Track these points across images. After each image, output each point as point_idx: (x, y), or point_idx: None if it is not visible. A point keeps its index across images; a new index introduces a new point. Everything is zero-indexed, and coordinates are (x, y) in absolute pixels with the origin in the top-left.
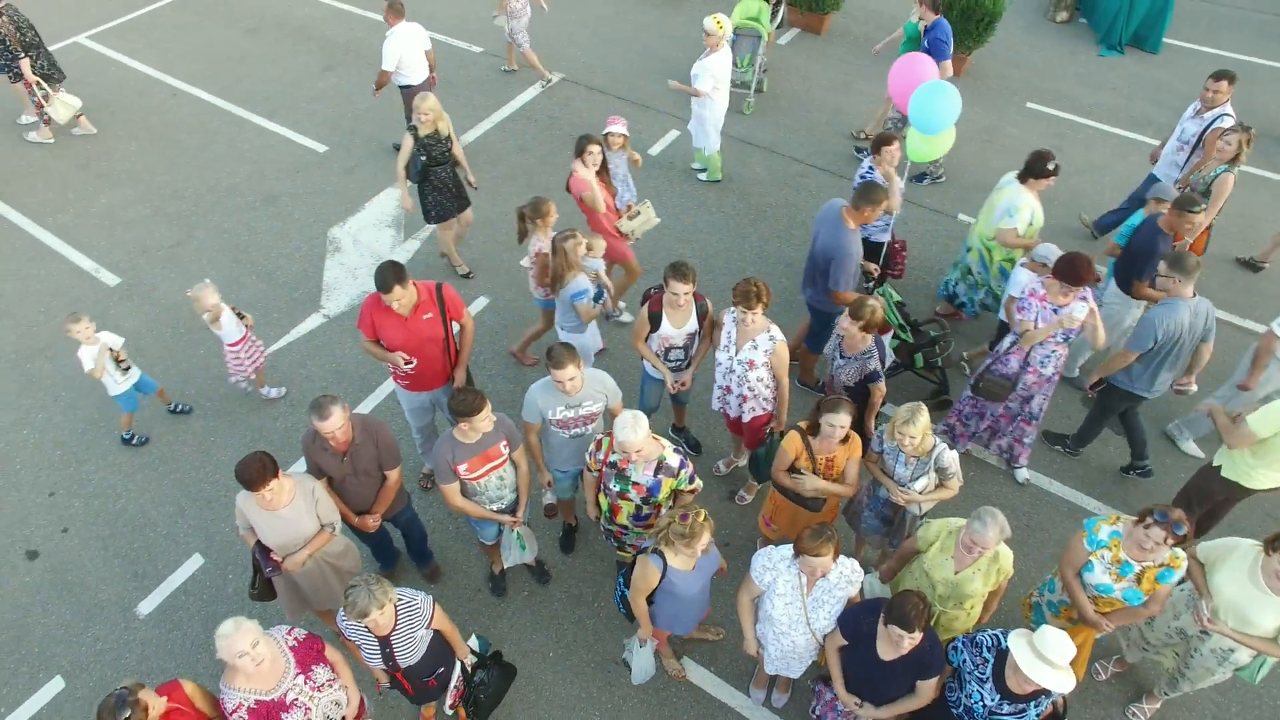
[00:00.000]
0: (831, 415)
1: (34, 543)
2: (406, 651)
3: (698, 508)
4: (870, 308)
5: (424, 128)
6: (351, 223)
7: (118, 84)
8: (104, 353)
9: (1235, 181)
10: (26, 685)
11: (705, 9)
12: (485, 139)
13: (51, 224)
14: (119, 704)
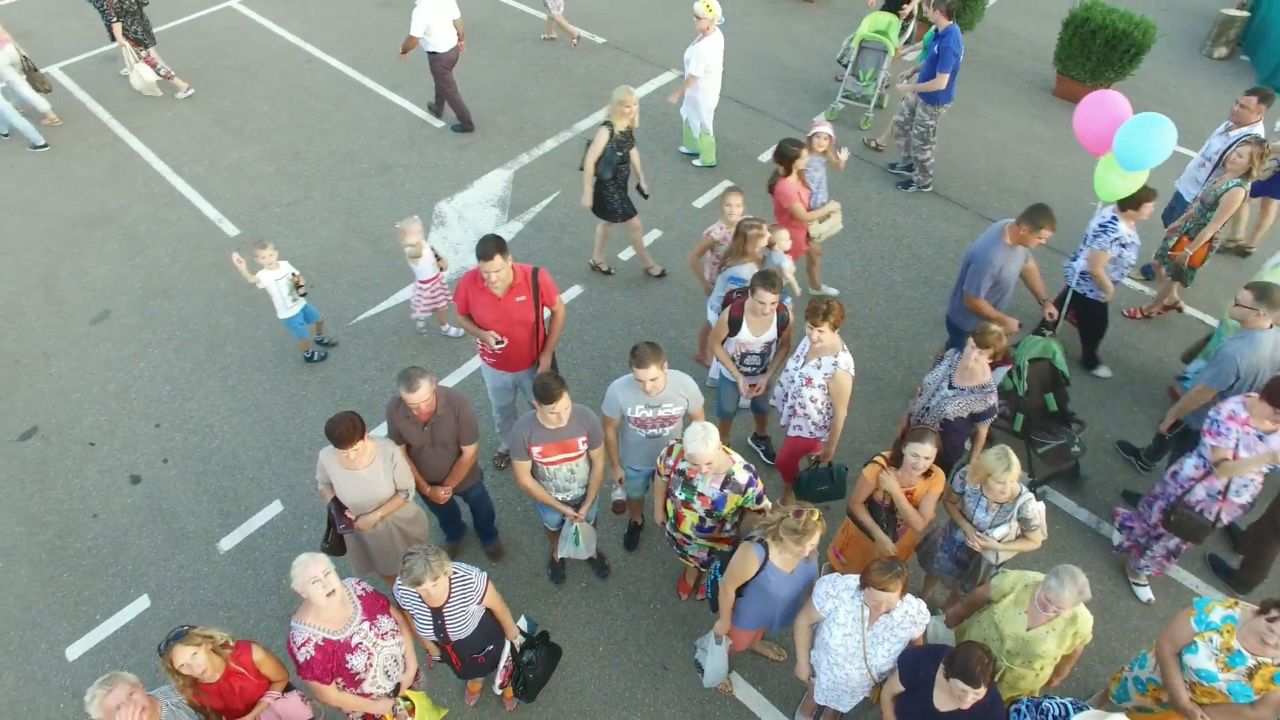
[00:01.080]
0: (917, 446)
1: (138, 469)
2: (458, 625)
3: (812, 508)
4: (996, 334)
5: (620, 122)
6: (459, 199)
7: (261, 47)
8: (285, 279)
9: (1247, 196)
10: (119, 598)
11: (833, 20)
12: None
13: (187, 174)
14: (173, 639)
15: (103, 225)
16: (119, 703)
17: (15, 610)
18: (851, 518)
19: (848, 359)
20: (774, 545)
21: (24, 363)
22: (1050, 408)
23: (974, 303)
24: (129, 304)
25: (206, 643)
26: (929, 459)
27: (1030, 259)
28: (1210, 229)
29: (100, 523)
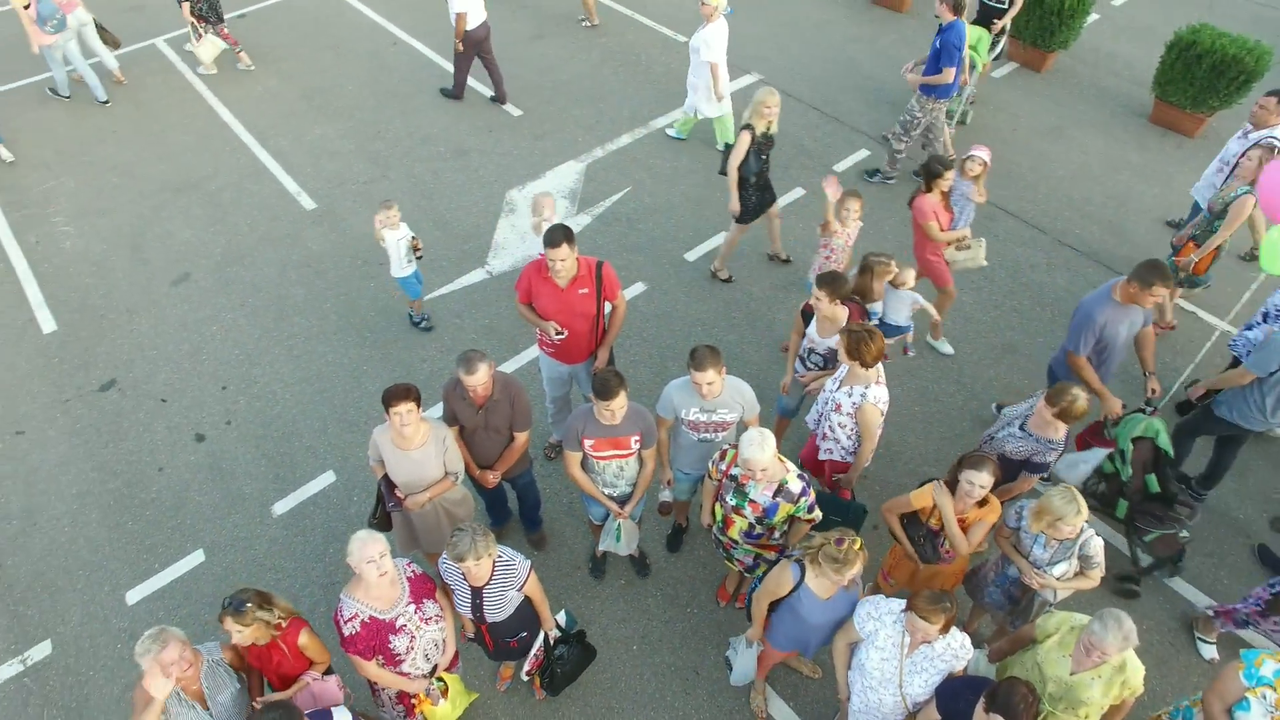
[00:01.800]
0: (973, 473)
1: (203, 428)
2: (495, 607)
3: (856, 537)
4: (1071, 396)
5: (760, 124)
6: (530, 187)
7: (351, 27)
8: (405, 239)
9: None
10: (176, 550)
11: (920, 30)
12: (661, 133)
13: (272, 146)
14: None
15: (190, 191)
16: (173, 659)
17: (84, 551)
18: (891, 534)
19: (878, 392)
20: (811, 568)
21: (109, 318)
22: (1151, 489)
23: (1074, 361)
24: (208, 268)
25: (259, 623)
26: (984, 488)
27: (1149, 322)
28: (1218, 237)
29: (165, 476)
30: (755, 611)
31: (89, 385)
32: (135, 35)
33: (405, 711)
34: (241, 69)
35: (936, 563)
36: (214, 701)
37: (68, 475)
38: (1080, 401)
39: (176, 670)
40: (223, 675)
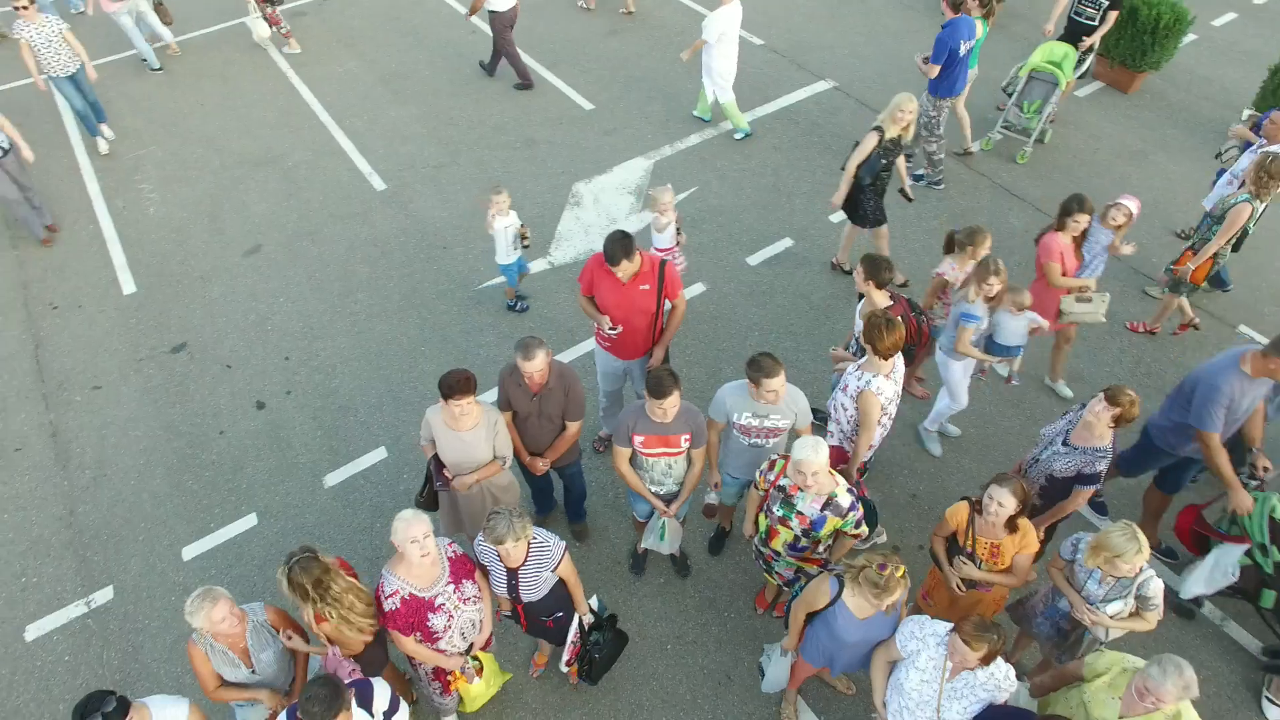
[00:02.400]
0: (996, 489)
1: (264, 396)
2: (530, 588)
3: (900, 563)
4: (1131, 398)
5: (892, 129)
6: (597, 181)
7: (431, 13)
8: (513, 227)
9: (1253, 214)
10: (232, 512)
11: (1002, 45)
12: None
13: (348, 127)
14: (306, 561)
15: (267, 165)
16: (222, 616)
17: (148, 505)
18: (934, 556)
19: (883, 384)
20: (851, 586)
21: (184, 283)
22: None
23: (1206, 440)
24: (279, 241)
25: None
26: (1005, 507)
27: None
28: (1214, 244)
29: (225, 440)
30: (791, 621)
31: (161, 346)
32: (226, 14)
33: (441, 688)
34: (288, 52)
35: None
36: (257, 659)
37: (137, 431)
38: (1135, 406)
39: (226, 626)
40: (266, 635)
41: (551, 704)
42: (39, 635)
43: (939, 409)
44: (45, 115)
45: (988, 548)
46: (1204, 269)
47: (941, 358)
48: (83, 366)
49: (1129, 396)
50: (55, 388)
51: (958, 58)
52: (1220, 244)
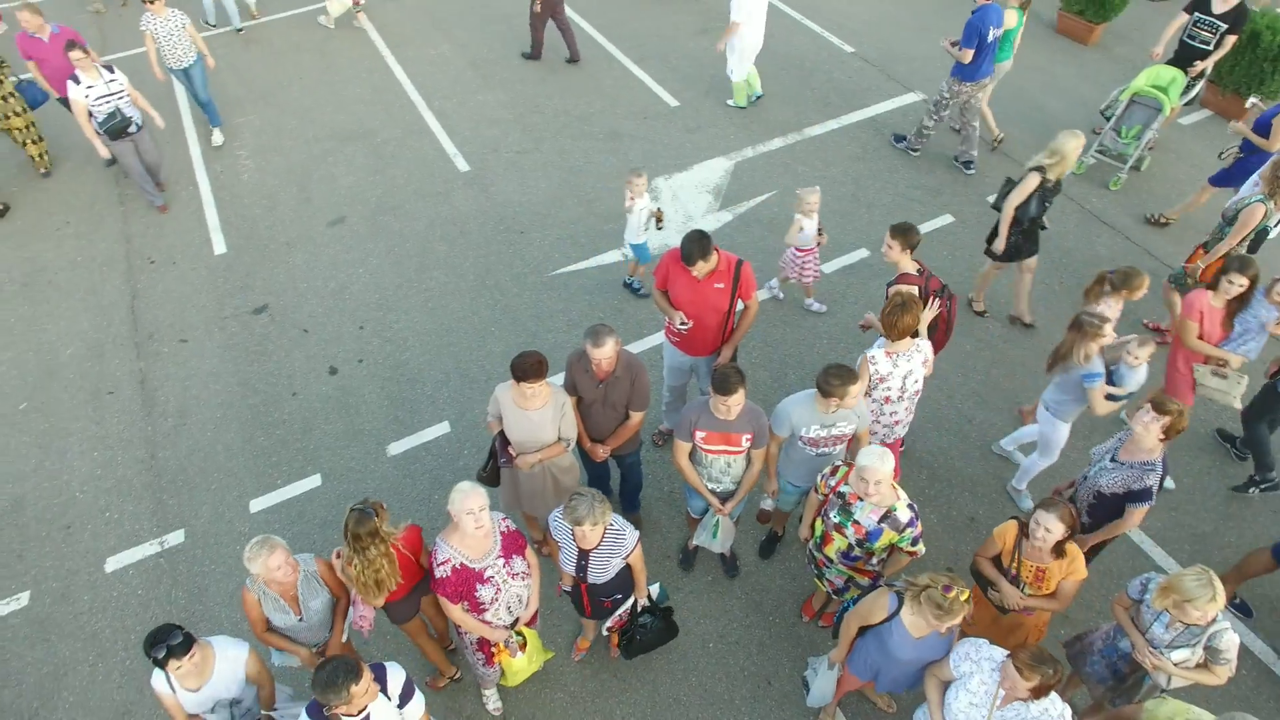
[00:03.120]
0: (1043, 514)
1: (337, 362)
2: (598, 571)
3: (964, 587)
4: (1178, 407)
5: (1056, 171)
6: (677, 179)
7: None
8: (647, 209)
9: (1267, 214)
10: (298, 471)
11: (1105, 65)
12: (828, 137)
13: (436, 108)
14: (365, 517)
15: (357, 140)
16: (278, 564)
17: (221, 457)
18: (975, 574)
19: (879, 356)
20: (911, 604)
21: (270, 248)
22: None
23: None
24: (362, 214)
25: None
26: (1053, 533)
27: None
28: (1226, 244)
29: (297, 401)
30: (843, 631)
31: (245, 307)
32: None
33: (484, 658)
34: (356, 27)
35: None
36: (306, 607)
37: (217, 385)
38: (1184, 420)
39: (282, 574)
40: (316, 585)
41: (590, 689)
42: (117, 568)
43: (1027, 466)
44: (153, 79)
45: (1033, 571)
46: (1213, 269)
47: (1046, 416)
48: (172, 320)
49: (1176, 405)
50: (146, 338)
51: (986, 44)
52: (1232, 244)
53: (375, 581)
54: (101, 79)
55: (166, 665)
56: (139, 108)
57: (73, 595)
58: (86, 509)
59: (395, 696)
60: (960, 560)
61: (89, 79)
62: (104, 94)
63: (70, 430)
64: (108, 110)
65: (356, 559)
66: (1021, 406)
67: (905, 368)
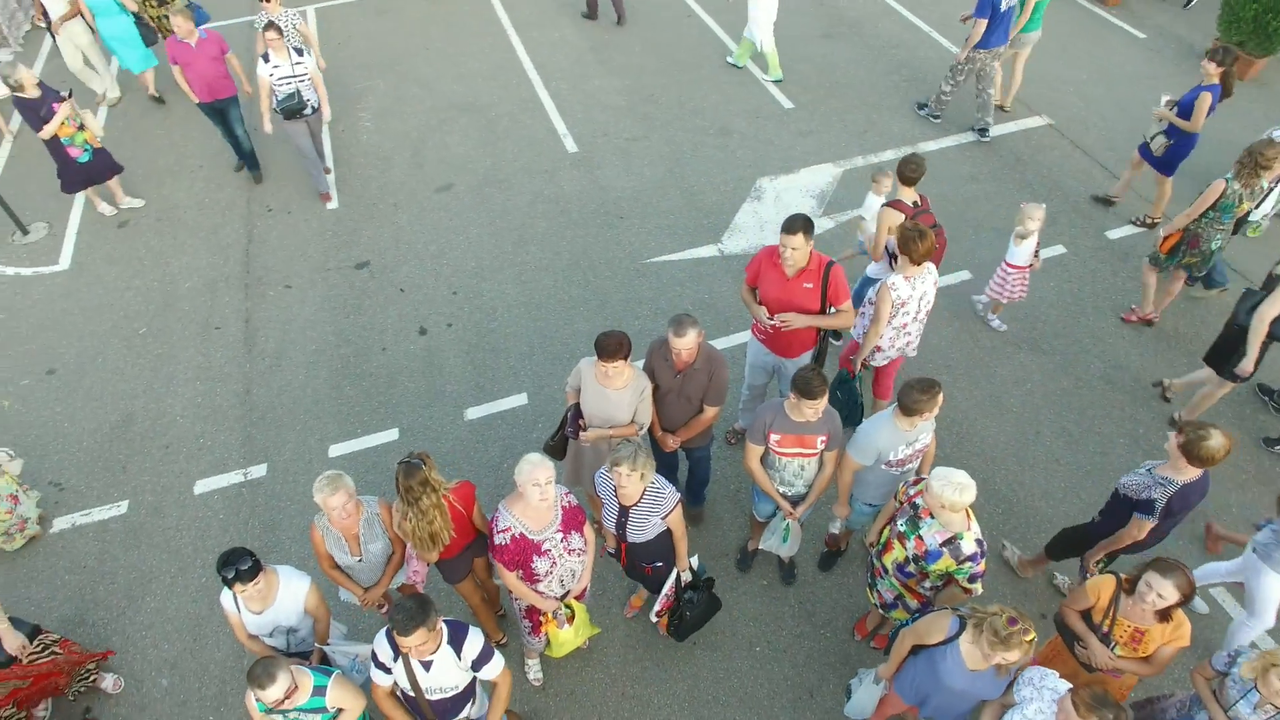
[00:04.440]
0: (1155, 577)
1: (428, 323)
2: (638, 529)
3: (1031, 627)
4: (1202, 433)
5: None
6: (782, 180)
7: None
8: None
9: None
10: (378, 423)
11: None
12: (942, 154)
13: (552, 88)
14: (413, 468)
15: (472, 112)
16: (341, 503)
17: (308, 400)
18: (1059, 625)
19: (899, 282)
20: (972, 632)
21: (378, 207)
22: None
23: None
24: (469, 184)
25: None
26: (1165, 599)
27: None
28: (1182, 217)
29: (386, 356)
30: (896, 646)
31: (348, 261)
32: None
33: (532, 627)
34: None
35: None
36: (365, 549)
37: (313, 331)
38: (1211, 441)
39: (344, 511)
40: (377, 528)
41: (631, 673)
42: (204, 491)
43: (1232, 631)
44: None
45: (1129, 631)
46: (1171, 240)
47: (1254, 563)
48: (281, 265)
49: (1198, 430)
50: (255, 280)
51: (999, 12)
52: (1192, 216)
53: (430, 535)
54: (289, 60)
55: (233, 586)
56: (317, 93)
57: (164, 510)
58: (184, 433)
59: (468, 660)
60: (1029, 603)
61: (278, 59)
62: (288, 75)
63: (179, 358)
64: (288, 91)
65: (410, 511)
66: (1212, 525)
67: (920, 289)
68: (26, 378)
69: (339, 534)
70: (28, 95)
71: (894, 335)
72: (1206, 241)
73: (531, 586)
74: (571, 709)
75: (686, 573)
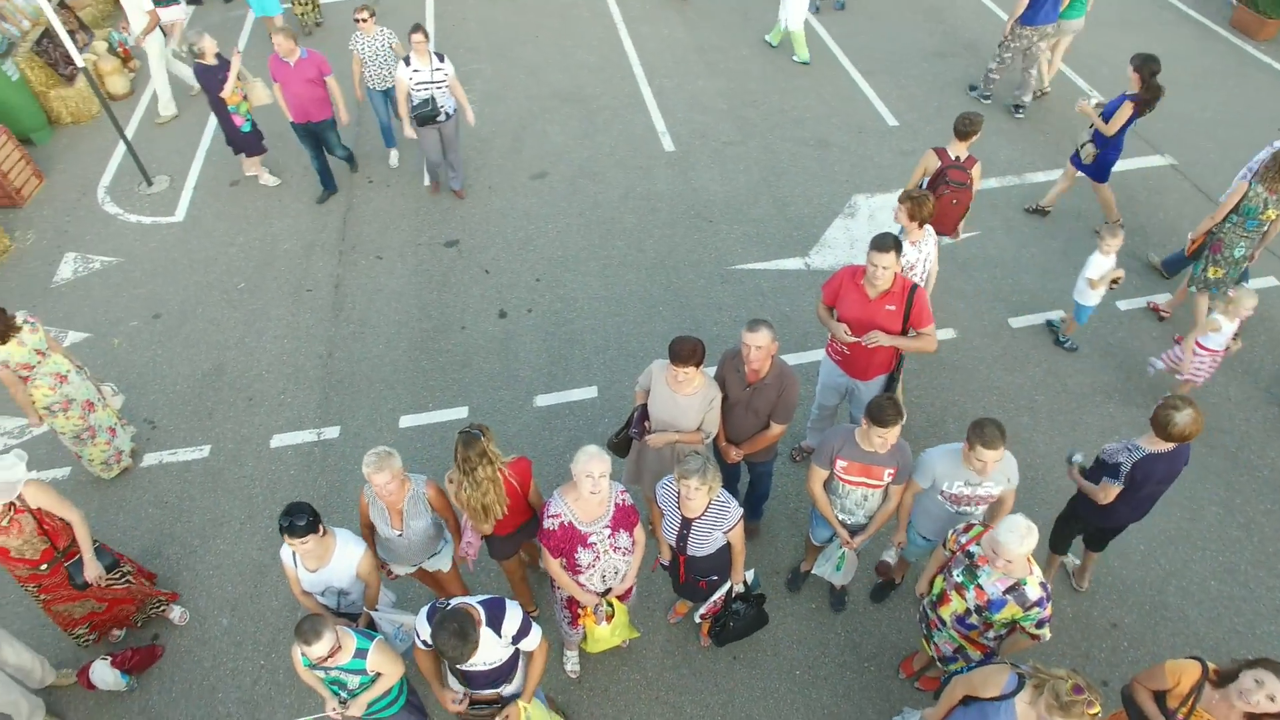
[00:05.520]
0: (1271, 679)
1: (508, 307)
2: (698, 543)
3: (1098, 698)
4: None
5: None
6: (878, 199)
7: None
8: (1112, 273)
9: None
10: (449, 399)
11: None
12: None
13: (655, 85)
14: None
15: (574, 103)
16: (385, 481)
17: (385, 369)
18: (1126, 700)
19: (905, 246)
20: (1031, 692)
21: (473, 189)
22: None
23: None
24: (564, 174)
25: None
26: (1274, 701)
27: None
28: (1207, 221)
29: (464, 335)
30: (946, 693)
31: (439, 238)
32: None
33: (570, 618)
34: None
35: None
36: (408, 525)
37: (398, 303)
38: (1178, 415)
39: (391, 487)
40: (422, 506)
41: (667, 679)
42: (279, 445)
43: None
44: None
45: None
46: (1197, 244)
47: None
48: (374, 236)
49: (1168, 400)
50: (349, 248)
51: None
52: (1216, 219)
53: (483, 506)
54: (428, 66)
55: (284, 536)
56: (457, 100)
57: (241, 459)
58: (268, 387)
59: (508, 636)
60: (1090, 666)
61: (418, 63)
62: (425, 80)
63: (271, 315)
64: (423, 96)
65: (466, 481)
66: None
67: (925, 251)
68: (135, 319)
69: (384, 506)
70: (207, 63)
71: None
72: (1229, 247)
73: (573, 577)
74: (604, 706)
75: (740, 586)
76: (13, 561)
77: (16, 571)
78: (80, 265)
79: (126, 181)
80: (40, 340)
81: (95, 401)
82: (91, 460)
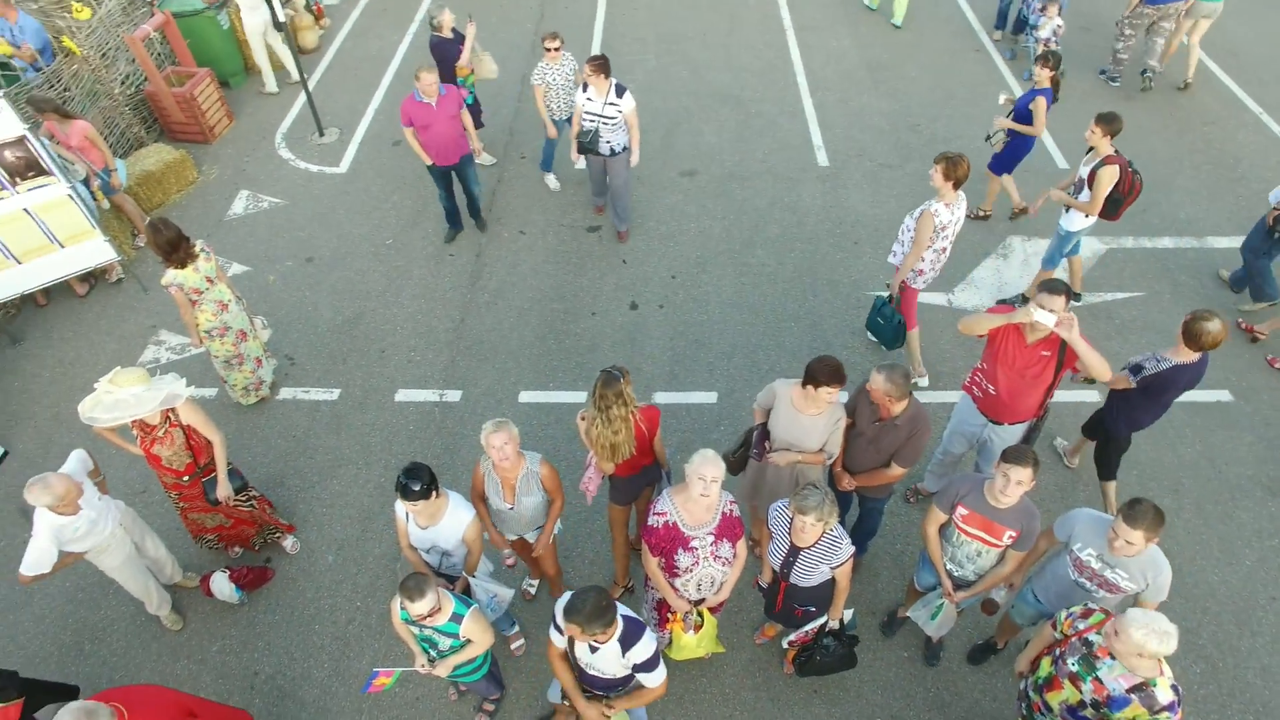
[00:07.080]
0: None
1: (641, 300)
2: (804, 572)
3: None
4: (1205, 315)
5: None
6: (1036, 243)
7: (944, 21)
8: None
9: None
10: (570, 382)
11: None
12: (1232, 253)
13: (818, 98)
14: (612, 378)
15: (732, 105)
16: (501, 443)
17: (513, 343)
18: None
19: (940, 209)
20: None
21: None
22: None
23: None
24: (714, 174)
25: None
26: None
27: None
28: None
29: (594, 320)
30: None
31: (581, 223)
32: None
33: (658, 620)
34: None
35: None
36: (520, 501)
37: (534, 280)
38: (1209, 323)
39: (505, 452)
40: (535, 484)
41: (745, 699)
42: (403, 400)
43: None
44: None
45: None
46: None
47: None
48: (520, 211)
49: (1199, 315)
50: (495, 219)
51: None
52: None
53: (612, 445)
54: (603, 99)
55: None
56: (629, 136)
57: (367, 407)
58: (399, 343)
59: (631, 661)
60: None
61: (594, 93)
62: (594, 112)
63: (412, 274)
64: (588, 127)
65: (599, 418)
66: None
67: (957, 215)
68: (291, 260)
69: (499, 479)
70: (444, 35)
71: (934, 258)
72: None
73: (670, 579)
74: (677, 713)
75: (835, 624)
76: (163, 469)
77: (164, 479)
78: (251, 203)
79: (301, 130)
80: (211, 269)
81: (248, 331)
82: (234, 385)
